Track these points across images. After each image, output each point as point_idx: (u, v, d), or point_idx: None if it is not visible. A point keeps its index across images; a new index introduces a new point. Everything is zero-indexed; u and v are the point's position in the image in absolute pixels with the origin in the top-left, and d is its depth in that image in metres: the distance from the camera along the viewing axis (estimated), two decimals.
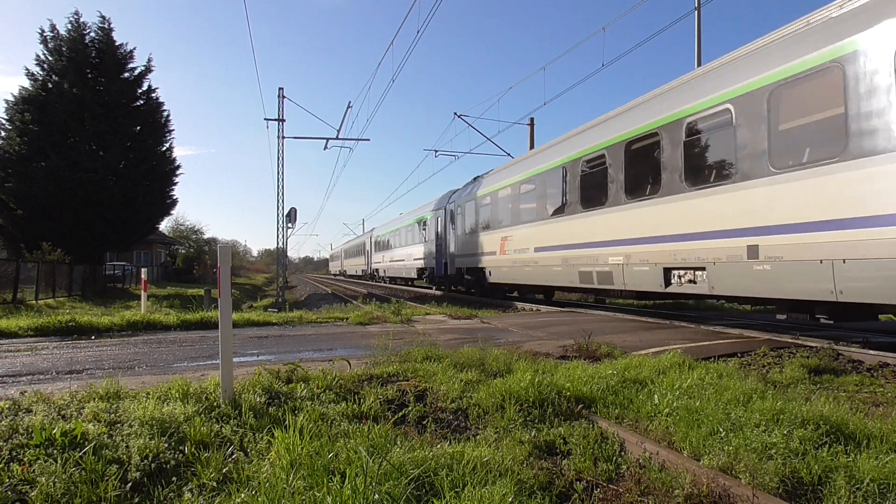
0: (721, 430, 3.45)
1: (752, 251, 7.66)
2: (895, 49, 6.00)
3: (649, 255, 9.94)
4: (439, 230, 23.92)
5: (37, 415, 3.68)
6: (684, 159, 9.06)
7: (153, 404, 3.90)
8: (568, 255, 12.87)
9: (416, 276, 29.67)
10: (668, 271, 9.65)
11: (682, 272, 9.39)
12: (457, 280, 22.16)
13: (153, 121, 29.68)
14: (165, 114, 30.47)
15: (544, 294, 19.34)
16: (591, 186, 12.01)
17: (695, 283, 9.10)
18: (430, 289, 27.86)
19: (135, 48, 31.14)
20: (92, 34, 28.22)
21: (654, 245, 9.84)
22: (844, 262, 6.44)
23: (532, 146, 25.39)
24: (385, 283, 39.87)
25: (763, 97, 7.58)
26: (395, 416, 4.01)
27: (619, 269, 10.91)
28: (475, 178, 20.91)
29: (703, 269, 8.74)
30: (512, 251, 16.22)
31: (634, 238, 10.37)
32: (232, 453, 3.31)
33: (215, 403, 4.06)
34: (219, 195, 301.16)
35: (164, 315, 11.74)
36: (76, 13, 27.87)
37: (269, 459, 3.15)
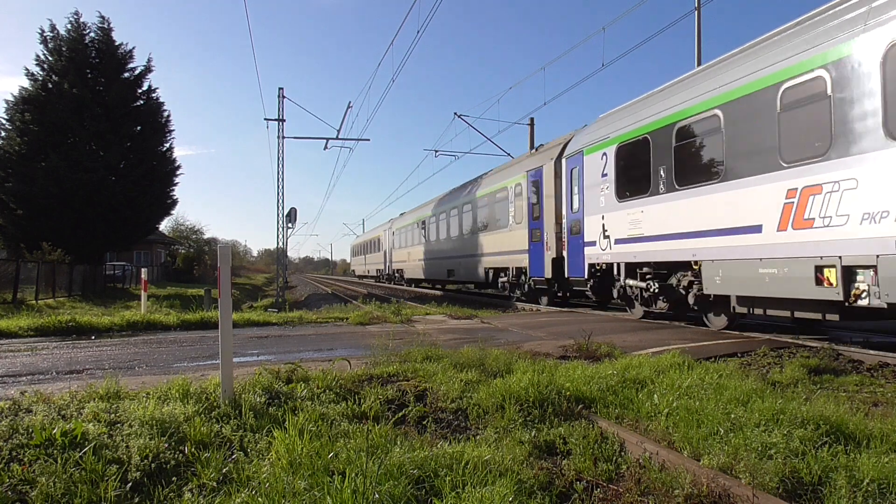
0: (721, 430, 3.45)
1: None
2: None
3: None
4: None
5: (37, 415, 3.68)
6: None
7: (153, 404, 3.90)
8: None
9: None
10: None
11: None
12: None
13: (153, 121, 29.68)
14: (166, 114, 30.50)
15: None
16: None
17: None
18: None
19: (134, 48, 31.15)
20: (92, 34, 28.23)
21: None
22: None
23: (532, 146, 25.40)
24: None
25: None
26: (395, 417, 4.01)
27: None
28: None
29: None
30: None
31: None
32: (232, 453, 3.31)
33: (215, 403, 4.06)
34: (219, 195, 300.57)
35: (164, 315, 11.75)
36: (76, 13, 27.90)
37: (269, 459, 3.15)
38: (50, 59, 27.23)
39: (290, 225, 27.73)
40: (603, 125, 11.87)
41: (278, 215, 27.32)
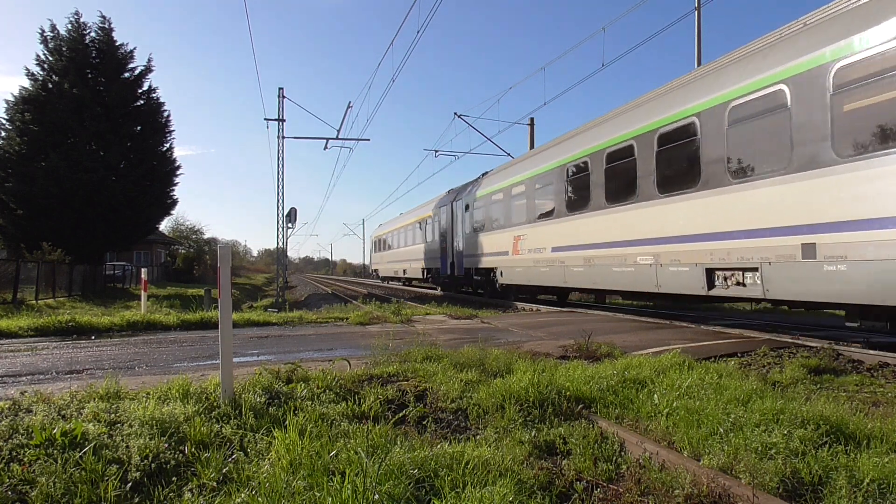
0: (721, 430, 3.45)
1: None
2: None
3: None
4: None
5: (37, 415, 3.68)
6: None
7: (153, 404, 3.90)
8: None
9: None
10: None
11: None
12: None
13: (153, 121, 29.72)
14: (166, 114, 30.56)
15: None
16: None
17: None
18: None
19: (135, 48, 31.23)
20: (92, 34, 28.29)
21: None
22: None
23: (532, 146, 25.32)
24: None
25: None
26: (395, 417, 4.01)
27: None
28: None
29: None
30: None
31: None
32: (232, 453, 3.31)
33: (215, 403, 4.06)
34: (219, 195, 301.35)
35: (164, 315, 11.74)
36: (76, 13, 27.97)
37: (269, 459, 3.15)
38: (50, 59, 27.26)
39: (290, 225, 27.79)
40: None
41: (278, 215, 27.37)
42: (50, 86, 26.94)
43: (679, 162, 9.27)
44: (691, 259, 9.12)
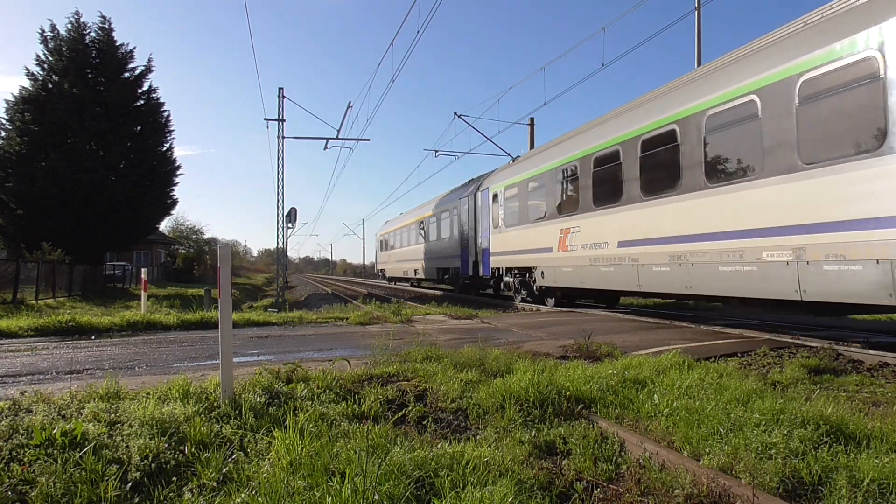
0: (721, 430, 3.45)
1: None
2: None
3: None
4: None
5: (37, 415, 3.68)
6: None
7: (153, 404, 3.90)
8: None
9: None
10: None
11: None
12: None
13: (153, 121, 29.72)
14: (166, 114, 30.55)
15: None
16: None
17: None
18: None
19: (135, 48, 31.24)
20: (92, 34, 28.29)
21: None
22: None
23: (532, 146, 25.28)
24: None
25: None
26: (395, 417, 4.01)
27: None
28: None
29: None
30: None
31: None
32: (232, 453, 3.31)
33: (215, 403, 4.06)
34: (219, 195, 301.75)
35: (164, 315, 11.74)
36: (76, 13, 27.97)
37: (269, 459, 3.15)
38: (50, 59, 27.27)
39: (290, 225, 27.78)
40: None
41: (278, 215, 27.36)
42: (50, 86, 26.95)
43: (841, 118, 6.61)
44: (867, 253, 6.24)
